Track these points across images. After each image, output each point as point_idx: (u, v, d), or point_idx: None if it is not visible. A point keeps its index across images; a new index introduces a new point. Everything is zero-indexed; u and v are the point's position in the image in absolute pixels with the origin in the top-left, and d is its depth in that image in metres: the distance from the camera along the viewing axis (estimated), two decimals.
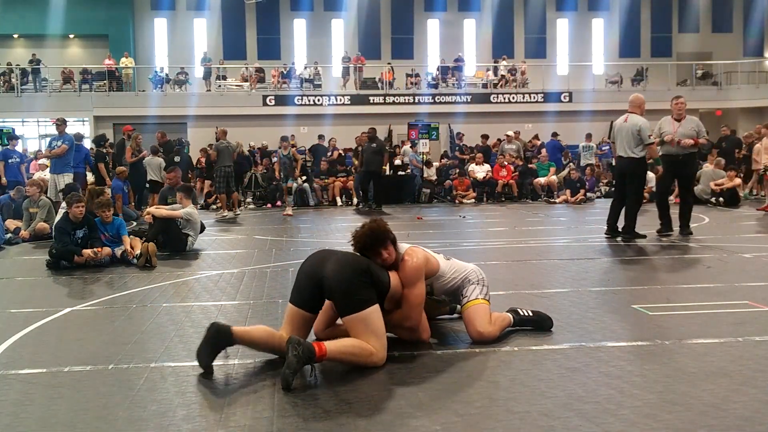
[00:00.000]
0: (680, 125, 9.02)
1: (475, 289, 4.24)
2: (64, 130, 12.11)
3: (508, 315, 4.34)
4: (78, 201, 7.60)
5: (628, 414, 2.93)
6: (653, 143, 8.76)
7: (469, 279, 4.28)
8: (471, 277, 4.29)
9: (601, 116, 22.19)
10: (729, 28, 29.69)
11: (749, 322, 4.57)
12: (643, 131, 8.67)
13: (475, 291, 4.23)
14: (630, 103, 9.03)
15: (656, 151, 8.91)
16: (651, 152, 8.81)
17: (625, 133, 8.80)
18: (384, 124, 23.52)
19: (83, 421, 3.01)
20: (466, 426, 2.85)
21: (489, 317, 4.18)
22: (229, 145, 14.12)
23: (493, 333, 4.12)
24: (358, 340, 3.60)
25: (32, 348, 4.20)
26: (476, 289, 4.24)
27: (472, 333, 4.11)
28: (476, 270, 4.36)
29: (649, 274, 6.78)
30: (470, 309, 4.16)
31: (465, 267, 4.35)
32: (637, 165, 8.83)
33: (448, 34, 28.41)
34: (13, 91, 23.70)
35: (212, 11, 27.48)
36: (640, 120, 8.74)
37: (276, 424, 2.90)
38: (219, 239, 10.07)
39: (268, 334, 3.71)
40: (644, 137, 8.65)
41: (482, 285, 4.28)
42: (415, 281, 3.94)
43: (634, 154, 8.74)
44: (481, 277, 4.32)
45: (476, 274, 4.33)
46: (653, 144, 8.76)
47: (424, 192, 17.30)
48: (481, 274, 4.35)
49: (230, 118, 22.99)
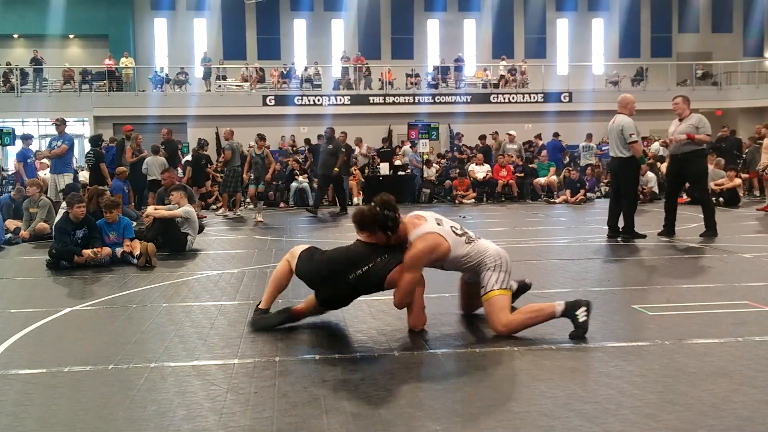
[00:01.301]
0: (681, 124, 9.03)
1: (491, 277, 4.17)
2: (64, 130, 12.12)
3: (543, 306, 4.21)
4: (78, 201, 7.60)
5: (628, 414, 2.93)
6: (635, 142, 8.79)
7: (485, 263, 4.21)
8: (487, 261, 4.21)
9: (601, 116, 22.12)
10: (729, 28, 29.68)
11: (749, 322, 4.57)
12: (625, 130, 8.80)
13: (491, 280, 4.17)
14: (618, 104, 9.17)
15: (639, 150, 8.89)
16: (634, 151, 8.83)
17: (613, 134, 8.96)
18: (384, 124, 23.56)
19: (83, 421, 3.01)
20: (466, 426, 2.85)
21: (507, 308, 4.16)
22: (238, 145, 14.30)
23: (514, 321, 4.12)
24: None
25: (32, 348, 4.20)
26: (492, 276, 4.17)
27: (495, 329, 4.16)
28: (495, 254, 4.25)
29: (649, 274, 6.78)
30: (486, 304, 4.17)
31: (484, 250, 4.26)
32: (625, 164, 8.90)
33: (448, 34, 28.40)
34: (13, 91, 23.69)
35: (212, 11, 27.47)
36: (624, 119, 8.86)
37: (276, 424, 2.90)
38: (219, 239, 10.07)
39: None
40: (626, 136, 8.76)
41: (499, 271, 4.19)
42: (410, 267, 4.08)
43: (622, 153, 8.87)
44: (498, 262, 4.22)
45: (494, 258, 4.22)
46: (636, 143, 8.79)
47: (424, 192, 17.31)
48: (500, 259, 4.23)
49: (230, 118, 22.98)
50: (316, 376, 3.55)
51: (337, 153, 13.94)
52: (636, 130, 8.82)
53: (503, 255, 4.29)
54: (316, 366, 3.68)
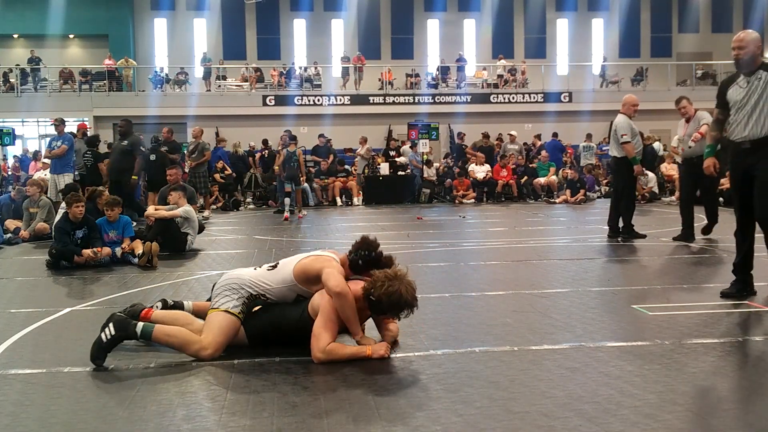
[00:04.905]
0: (689, 125, 8.97)
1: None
2: (63, 130, 12.12)
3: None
4: (78, 201, 7.60)
5: (628, 414, 2.93)
6: (627, 143, 8.77)
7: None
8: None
9: (601, 116, 22.16)
10: (729, 28, 29.64)
11: (749, 322, 4.57)
12: (618, 130, 8.84)
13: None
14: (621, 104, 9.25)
15: (631, 151, 8.83)
16: (626, 152, 8.83)
17: (611, 134, 9.08)
18: (384, 124, 23.56)
19: (83, 421, 3.01)
20: (466, 426, 2.85)
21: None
22: (208, 145, 14.84)
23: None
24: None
25: (32, 348, 4.20)
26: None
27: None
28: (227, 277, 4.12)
29: (649, 274, 6.78)
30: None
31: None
32: (620, 164, 8.93)
33: (448, 34, 28.39)
34: (13, 91, 23.69)
35: (212, 11, 27.46)
36: (620, 119, 8.91)
37: (276, 424, 2.90)
38: (219, 239, 10.07)
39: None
40: (618, 136, 8.81)
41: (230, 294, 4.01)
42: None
43: (617, 153, 8.93)
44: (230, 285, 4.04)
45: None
46: (627, 144, 8.77)
47: (424, 192, 17.32)
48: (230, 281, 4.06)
49: (230, 118, 23.01)
50: (316, 376, 3.55)
51: (133, 151, 11.51)
52: (629, 131, 8.78)
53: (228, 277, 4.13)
54: (316, 366, 3.68)
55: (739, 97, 5.16)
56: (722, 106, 5.36)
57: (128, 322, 3.87)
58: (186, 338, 3.86)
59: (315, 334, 3.75)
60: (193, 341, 3.84)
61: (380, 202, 16.80)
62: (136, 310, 4.19)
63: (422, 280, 6.08)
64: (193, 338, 3.86)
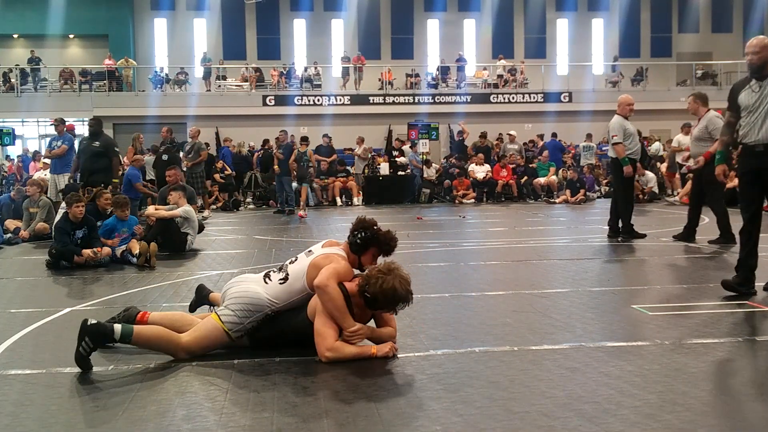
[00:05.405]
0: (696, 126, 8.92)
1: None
2: (63, 130, 12.12)
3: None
4: (78, 201, 7.61)
5: (628, 414, 2.93)
6: (617, 143, 8.79)
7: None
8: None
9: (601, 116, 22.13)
10: (729, 28, 29.66)
11: (749, 322, 4.57)
12: (610, 131, 8.91)
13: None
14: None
15: (621, 152, 8.82)
16: (616, 152, 8.87)
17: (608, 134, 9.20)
18: (384, 124, 23.56)
19: (83, 421, 3.01)
20: (466, 426, 2.85)
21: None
22: (205, 145, 14.89)
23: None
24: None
25: (32, 348, 4.20)
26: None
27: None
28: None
29: (649, 274, 6.78)
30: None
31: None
32: (617, 164, 8.96)
33: (448, 34, 28.38)
34: (13, 91, 23.69)
35: (212, 11, 27.46)
36: (613, 120, 8.96)
37: (276, 424, 2.90)
38: (219, 239, 10.07)
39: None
40: (609, 137, 8.88)
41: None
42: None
43: (613, 153, 8.99)
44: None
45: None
46: (618, 144, 8.79)
47: (424, 192, 17.32)
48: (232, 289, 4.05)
49: (230, 118, 23.02)
50: (316, 376, 3.55)
51: (108, 153, 10.57)
52: (620, 132, 8.78)
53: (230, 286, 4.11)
54: (316, 366, 3.68)
55: (751, 101, 5.24)
56: (734, 110, 5.45)
57: (104, 331, 3.68)
58: (165, 338, 3.83)
59: (319, 333, 3.75)
60: (172, 340, 3.82)
61: (380, 202, 16.80)
62: (131, 314, 4.16)
63: (422, 280, 6.09)
64: (172, 337, 3.83)
